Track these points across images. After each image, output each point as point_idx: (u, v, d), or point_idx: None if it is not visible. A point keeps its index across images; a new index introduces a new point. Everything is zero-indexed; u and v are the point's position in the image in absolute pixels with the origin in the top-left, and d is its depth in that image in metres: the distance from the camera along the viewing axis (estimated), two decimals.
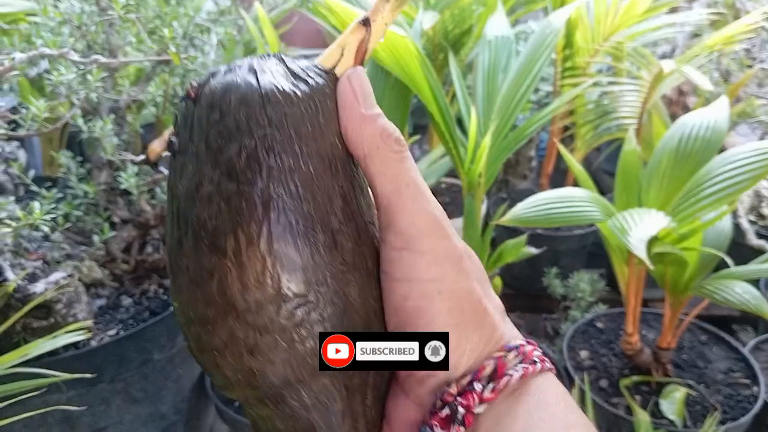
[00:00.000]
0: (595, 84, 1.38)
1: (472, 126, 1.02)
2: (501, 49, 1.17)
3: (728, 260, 0.97)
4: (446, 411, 0.30)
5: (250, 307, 0.27)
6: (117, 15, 0.79)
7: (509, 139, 1.10)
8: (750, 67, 1.44)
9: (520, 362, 0.31)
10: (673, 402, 1.03)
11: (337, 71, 0.31)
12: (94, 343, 0.91)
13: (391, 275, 0.30)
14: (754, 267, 1.00)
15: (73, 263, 0.95)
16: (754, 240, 1.32)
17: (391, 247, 0.30)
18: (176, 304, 0.30)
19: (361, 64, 0.32)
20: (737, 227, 1.26)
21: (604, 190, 1.51)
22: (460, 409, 0.29)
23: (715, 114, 0.99)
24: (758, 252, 1.19)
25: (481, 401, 0.29)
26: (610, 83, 1.38)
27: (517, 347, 0.31)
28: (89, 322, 0.89)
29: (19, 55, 0.77)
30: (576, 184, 1.09)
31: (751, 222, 1.47)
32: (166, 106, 1.13)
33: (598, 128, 1.41)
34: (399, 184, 0.30)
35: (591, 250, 1.63)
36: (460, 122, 1.11)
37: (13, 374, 0.73)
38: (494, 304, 0.33)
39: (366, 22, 0.31)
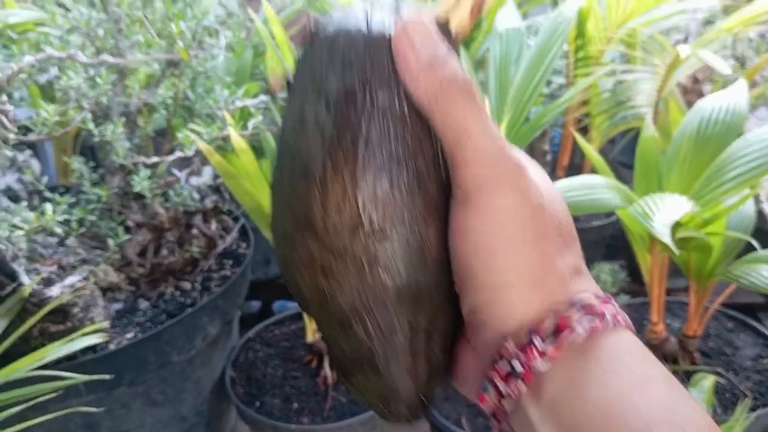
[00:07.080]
0: (610, 73, 1.36)
1: None
2: (512, 42, 1.16)
3: (755, 244, 0.95)
4: (504, 365, 0.28)
5: (328, 231, 0.29)
6: (123, 13, 0.78)
7: (523, 132, 1.09)
8: (767, 51, 1.41)
9: (587, 318, 0.27)
10: (702, 390, 1.00)
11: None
12: (112, 347, 0.90)
13: (451, 228, 0.29)
14: None
15: (88, 268, 0.94)
16: None
17: (454, 201, 0.29)
18: (272, 223, 0.33)
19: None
20: (759, 213, 1.23)
21: (621, 182, 1.49)
22: (517, 365, 0.27)
23: (734, 97, 0.97)
24: None
25: (542, 356, 0.27)
26: (625, 72, 1.36)
27: (582, 303, 0.28)
28: (106, 324, 0.88)
29: (27, 58, 0.77)
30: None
31: None
32: (177, 110, 1.12)
33: (613, 117, 1.39)
34: (460, 136, 0.28)
35: (609, 242, 1.61)
36: None
37: (31, 378, 0.72)
38: (569, 263, 0.30)
39: None
